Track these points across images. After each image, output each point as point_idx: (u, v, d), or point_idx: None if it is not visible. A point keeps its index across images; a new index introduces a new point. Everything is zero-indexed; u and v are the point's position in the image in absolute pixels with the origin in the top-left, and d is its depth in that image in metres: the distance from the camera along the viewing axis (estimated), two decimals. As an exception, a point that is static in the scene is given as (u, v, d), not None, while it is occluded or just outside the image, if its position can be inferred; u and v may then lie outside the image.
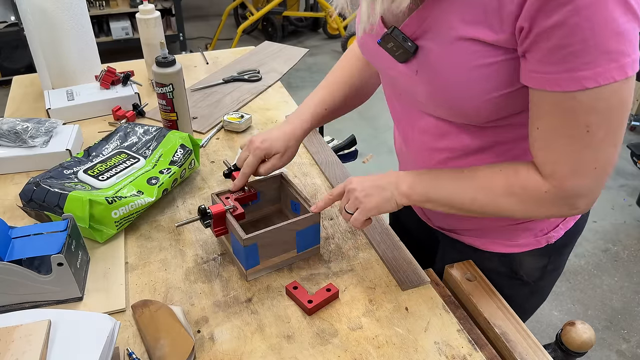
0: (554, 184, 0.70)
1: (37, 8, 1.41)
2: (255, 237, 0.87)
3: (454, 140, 0.82)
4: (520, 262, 0.93)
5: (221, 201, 0.96)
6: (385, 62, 0.81)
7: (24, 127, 1.20)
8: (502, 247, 0.93)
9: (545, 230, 0.90)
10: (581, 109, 0.64)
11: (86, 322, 0.74)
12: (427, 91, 0.76)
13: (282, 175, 1.02)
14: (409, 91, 0.81)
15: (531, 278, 0.95)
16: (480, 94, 0.71)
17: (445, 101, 0.75)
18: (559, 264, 0.97)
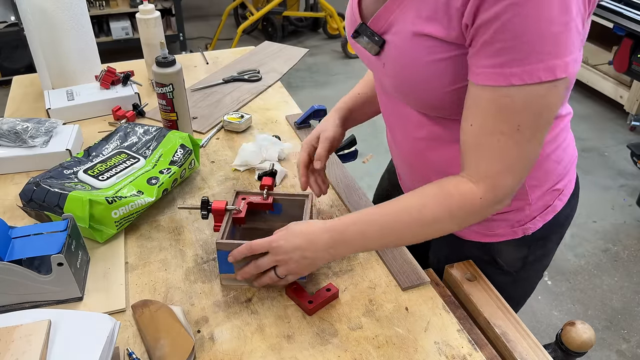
0: (488, 186, 0.72)
1: (37, 8, 1.41)
2: (228, 244, 0.86)
3: (430, 131, 0.84)
4: (499, 251, 0.95)
5: (236, 199, 0.96)
6: (365, 57, 0.84)
7: (24, 127, 1.20)
8: (481, 237, 0.95)
9: (522, 222, 0.91)
10: (513, 107, 0.66)
11: (86, 322, 0.74)
12: (394, 84, 0.79)
13: (309, 197, 0.97)
14: (381, 81, 0.85)
15: (512, 268, 0.96)
16: (439, 87, 0.73)
17: (411, 93, 0.78)
18: (541, 256, 0.98)
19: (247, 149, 1.20)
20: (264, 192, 0.97)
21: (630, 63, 2.69)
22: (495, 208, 0.75)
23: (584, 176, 2.84)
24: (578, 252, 2.36)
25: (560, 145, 0.87)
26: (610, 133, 3.21)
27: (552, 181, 0.89)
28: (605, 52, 3.30)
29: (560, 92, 0.66)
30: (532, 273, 1.00)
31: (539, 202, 0.90)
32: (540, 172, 0.86)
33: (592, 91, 3.53)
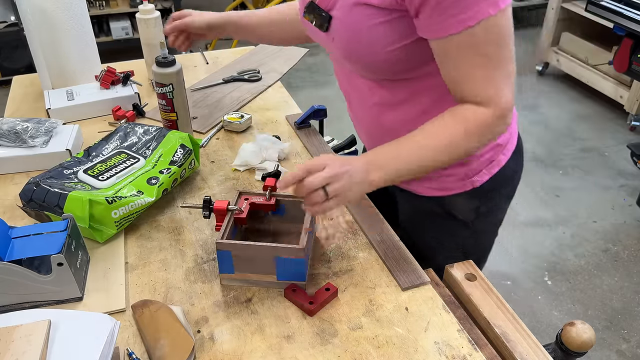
0: (493, 105, 0.84)
1: (37, 8, 1.41)
2: (228, 244, 0.86)
3: (380, 96, 0.96)
4: (452, 203, 1.04)
5: (239, 199, 0.96)
6: (318, 35, 0.96)
7: (24, 127, 1.20)
8: (434, 192, 1.04)
9: (469, 175, 1.01)
10: (476, 44, 0.79)
11: (86, 322, 0.74)
12: (344, 54, 0.90)
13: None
14: (334, 55, 0.96)
15: (467, 218, 1.05)
16: (381, 49, 0.85)
17: (358, 60, 0.89)
18: (492, 208, 1.08)
19: (247, 149, 1.20)
20: (267, 193, 0.97)
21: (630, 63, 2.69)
22: (503, 124, 0.86)
23: (584, 176, 2.85)
24: (578, 252, 2.36)
25: None
26: (610, 133, 3.21)
27: None
28: (605, 52, 3.30)
29: (508, 17, 0.80)
30: (487, 226, 1.10)
31: (484, 156, 1.00)
32: None
33: (592, 91, 3.53)
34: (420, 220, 1.11)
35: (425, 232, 1.11)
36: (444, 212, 1.06)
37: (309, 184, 0.80)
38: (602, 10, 2.80)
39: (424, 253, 1.07)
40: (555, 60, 3.68)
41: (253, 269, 0.88)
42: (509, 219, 2.58)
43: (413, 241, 1.08)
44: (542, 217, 2.56)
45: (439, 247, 1.11)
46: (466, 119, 0.84)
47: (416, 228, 1.13)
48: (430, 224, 1.10)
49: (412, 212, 1.12)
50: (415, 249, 1.05)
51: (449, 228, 1.07)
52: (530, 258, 2.33)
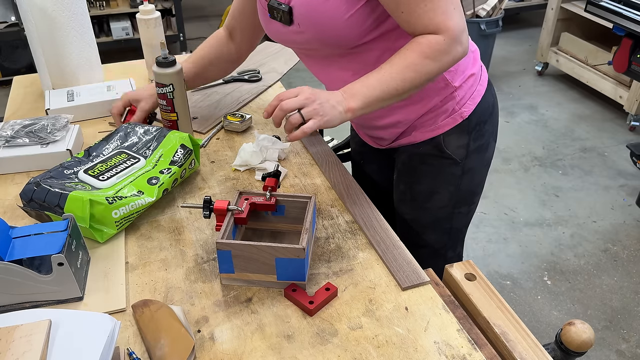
0: (443, 32, 0.93)
1: (37, 8, 1.41)
2: (228, 244, 0.86)
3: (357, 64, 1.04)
4: (445, 141, 1.12)
5: (239, 199, 0.96)
6: (283, 35, 1.05)
7: (42, 124, 1.24)
8: (429, 133, 1.12)
9: (456, 108, 1.10)
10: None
11: (86, 322, 0.74)
12: (313, 34, 0.99)
13: (311, 198, 0.97)
14: (306, 46, 1.05)
15: (458, 156, 1.13)
16: (340, 16, 0.94)
17: (325, 36, 0.98)
18: (482, 145, 1.15)
19: (247, 149, 1.20)
20: (267, 193, 0.97)
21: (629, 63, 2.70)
22: (460, 48, 0.95)
23: (584, 176, 2.85)
24: (578, 252, 2.36)
25: None
26: (610, 133, 3.21)
27: (463, 65, 1.08)
28: (604, 52, 3.30)
29: None
30: (477, 163, 1.17)
31: (463, 88, 1.09)
32: None
33: (591, 91, 3.53)
34: (417, 166, 1.18)
35: (421, 177, 1.19)
36: (438, 152, 1.14)
37: (285, 106, 0.92)
38: (602, 10, 2.80)
39: (421, 199, 1.21)
40: (555, 61, 3.68)
41: (253, 268, 0.88)
42: (509, 219, 2.59)
43: (409, 190, 1.20)
44: (541, 217, 2.57)
45: (435, 191, 1.19)
46: (419, 44, 0.94)
47: (412, 175, 1.20)
48: (426, 167, 1.17)
49: (408, 161, 1.19)
50: (413, 195, 1.20)
51: (443, 169, 1.16)
52: (530, 258, 2.33)
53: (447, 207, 1.20)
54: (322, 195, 1.13)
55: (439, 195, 1.19)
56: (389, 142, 1.22)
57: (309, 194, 0.98)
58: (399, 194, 1.25)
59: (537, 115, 3.41)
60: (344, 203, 1.10)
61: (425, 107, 1.10)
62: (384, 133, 1.20)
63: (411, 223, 1.23)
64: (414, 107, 1.10)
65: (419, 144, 1.15)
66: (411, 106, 1.10)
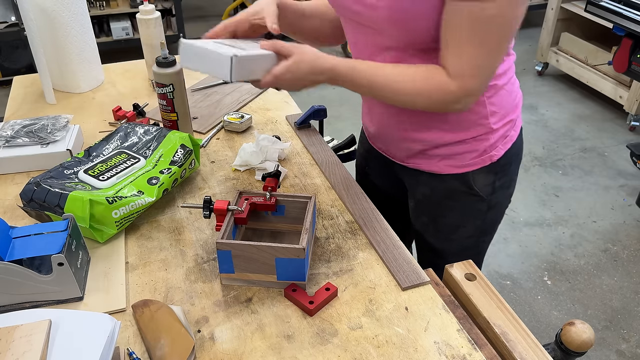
0: (458, 83, 0.89)
1: (37, 8, 1.41)
2: (229, 244, 0.86)
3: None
4: (474, 179, 1.09)
5: (239, 199, 0.96)
6: (350, 6, 0.95)
7: (42, 124, 1.24)
8: (457, 169, 1.09)
9: (488, 150, 1.07)
10: (486, 20, 0.83)
11: (86, 322, 0.75)
12: (387, 15, 0.90)
13: (311, 198, 0.97)
14: (370, 22, 0.95)
15: (485, 193, 1.11)
16: (429, 7, 0.86)
17: (404, 21, 0.90)
18: (506, 181, 1.13)
19: (247, 149, 1.20)
20: (267, 193, 0.97)
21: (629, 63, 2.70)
22: (458, 106, 0.93)
23: (584, 176, 2.85)
24: (578, 252, 2.36)
25: (510, 79, 1.05)
26: (610, 133, 3.21)
27: (506, 110, 1.06)
28: (605, 52, 3.30)
29: (524, 7, 0.85)
30: (501, 199, 1.15)
31: (499, 132, 1.06)
32: (497, 99, 1.03)
33: (591, 91, 3.53)
34: (441, 200, 1.14)
35: (447, 211, 1.15)
36: (465, 188, 1.10)
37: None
38: (602, 10, 2.80)
39: (446, 231, 1.17)
40: (555, 61, 3.68)
41: (253, 268, 0.88)
42: (509, 219, 2.59)
43: (433, 223, 1.17)
44: (541, 217, 2.57)
45: (460, 225, 1.16)
46: (432, 77, 0.91)
47: (437, 209, 1.16)
48: (451, 202, 1.13)
49: (431, 194, 1.14)
50: (437, 227, 1.16)
51: (469, 204, 1.12)
52: (530, 258, 2.33)
53: (472, 237, 1.18)
54: (322, 195, 1.13)
55: (465, 229, 1.16)
56: (402, 159, 1.15)
57: (309, 194, 0.98)
58: (421, 224, 1.20)
59: (537, 115, 3.41)
60: (344, 203, 1.10)
61: (456, 137, 1.05)
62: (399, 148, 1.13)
63: (436, 252, 1.21)
64: (444, 134, 1.05)
65: (444, 177, 1.10)
66: (441, 131, 1.05)
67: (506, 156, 1.09)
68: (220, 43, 0.94)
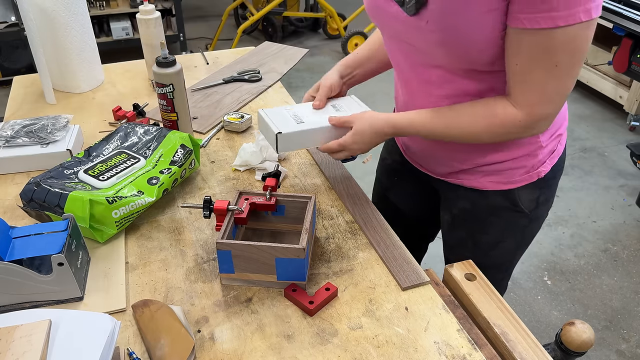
0: (527, 112, 0.86)
1: (37, 8, 1.41)
2: (229, 244, 0.86)
3: (455, 87, 0.94)
4: (519, 195, 1.06)
5: (239, 199, 0.96)
6: (391, 18, 0.91)
7: (42, 124, 1.23)
8: (502, 185, 1.05)
9: (535, 166, 1.04)
10: (554, 47, 0.79)
11: (86, 322, 0.75)
12: (438, 39, 0.86)
13: (311, 198, 0.97)
14: (417, 43, 0.91)
15: (528, 208, 1.08)
16: (484, 34, 0.82)
17: (455, 45, 0.86)
18: (549, 195, 1.11)
19: (247, 149, 1.20)
20: (267, 193, 0.97)
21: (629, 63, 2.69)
22: (530, 132, 0.91)
23: (584, 176, 2.85)
24: (578, 252, 2.36)
25: None
26: (610, 133, 3.21)
27: (556, 125, 1.03)
28: (605, 52, 3.30)
29: (592, 31, 0.79)
30: (542, 212, 1.12)
31: (548, 147, 1.03)
32: None
33: (591, 91, 3.53)
34: (482, 215, 1.11)
35: (488, 227, 1.12)
36: (509, 204, 1.07)
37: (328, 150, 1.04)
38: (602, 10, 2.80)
39: (485, 248, 1.14)
40: (555, 61, 3.67)
41: (253, 268, 0.88)
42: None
43: (472, 238, 1.14)
44: (541, 217, 2.57)
45: (500, 240, 1.13)
46: (495, 116, 0.89)
47: (477, 224, 1.13)
48: (494, 218, 1.10)
49: (472, 208, 1.11)
50: (476, 243, 1.14)
51: (512, 220, 1.10)
52: (530, 258, 2.33)
53: (510, 252, 1.16)
54: (322, 195, 1.13)
55: (505, 244, 1.13)
56: (442, 174, 1.12)
57: (309, 194, 0.98)
58: (457, 238, 1.17)
59: (537, 115, 3.41)
60: (344, 203, 1.10)
61: (505, 156, 1.02)
62: (442, 164, 1.11)
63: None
64: (494, 153, 1.02)
65: (488, 192, 1.07)
66: (490, 151, 1.02)
67: (552, 170, 1.06)
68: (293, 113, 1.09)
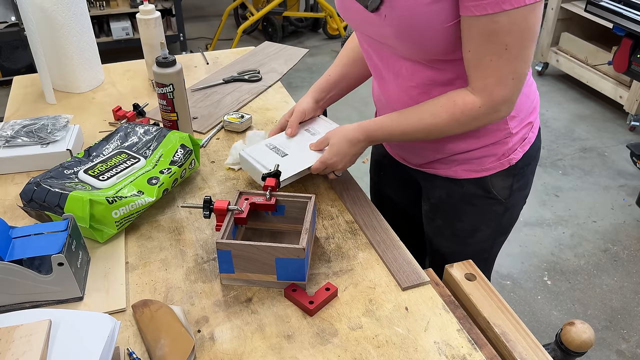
0: (485, 97, 0.90)
1: (37, 8, 1.41)
2: (229, 244, 0.86)
3: (423, 77, 0.98)
4: (492, 183, 1.09)
5: (239, 199, 0.96)
6: (359, 16, 0.95)
7: (42, 124, 1.23)
8: (475, 173, 1.09)
9: (507, 154, 1.06)
10: (501, 31, 0.83)
11: (86, 322, 0.75)
12: (395, 32, 0.90)
13: (311, 198, 0.97)
14: (381, 37, 0.95)
15: (502, 196, 1.11)
16: (435, 25, 0.86)
17: (410, 37, 0.90)
18: (523, 183, 1.13)
19: (239, 147, 1.20)
20: (267, 193, 0.97)
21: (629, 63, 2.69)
22: (494, 116, 0.93)
23: (584, 176, 2.85)
24: (578, 252, 2.36)
25: (527, 82, 1.04)
26: (610, 133, 3.21)
27: (525, 113, 1.05)
28: (605, 52, 3.30)
29: (538, 13, 0.84)
30: (517, 200, 1.15)
31: (518, 135, 1.06)
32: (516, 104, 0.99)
33: (591, 91, 3.53)
34: (458, 204, 1.13)
35: (463, 215, 1.14)
36: (482, 192, 1.10)
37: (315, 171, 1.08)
38: (602, 10, 2.80)
39: (462, 235, 1.17)
40: (555, 60, 3.68)
41: (253, 268, 0.88)
42: (509, 219, 2.57)
43: (449, 227, 1.17)
44: (542, 217, 2.57)
45: (476, 228, 1.16)
46: (455, 105, 0.93)
47: (453, 212, 1.15)
48: (469, 206, 1.13)
49: (447, 197, 1.14)
50: (453, 232, 1.16)
51: (486, 207, 1.12)
52: (530, 258, 2.33)
53: (488, 240, 1.18)
54: (322, 195, 1.13)
55: (481, 232, 1.16)
56: (418, 164, 1.16)
57: (309, 194, 0.98)
58: (435, 228, 1.20)
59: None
60: (344, 203, 1.10)
61: (476, 144, 1.05)
62: (418, 155, 1.14)
63: (449, 256, 1.20)
64: (464, 141, 1.05)
65: (462, 181, 1.10)
66: (461, 139, 1.05)
67: (524, 158, 1.09)
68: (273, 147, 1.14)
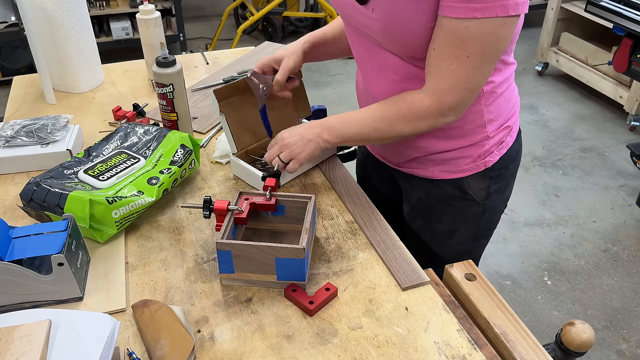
0: (434, 98, 0.91)
1: (37, 8, 1.41)
2: (229, 244, 0.86)
3: (406, 72, 0.98)
4: (468, 184, 1.10)
5: (239, 199, 0.96)
6: (349, 7, 0.95)
7: (42, 124, 1.23)
8: (451, 174, 1.09)
9: (482, 156, 1.07)
10: (469, 38, 0.83)
11: (86, 322, 0.75)
12: (382, 26, 0.91)
13: (311, 198, 0.97)
14: (368, 30, 0.95)
15: (480, 197, 1.11)
16: (420, 23, 0.87)
17: (396, 33, 0.90)
18: (502, 185, 1.13)
19: (223, 139, 1.21)
20: (267, 193, 0.97)
21: (629, 63, 2.69)
22: (442, 120, 0.94)
23: (584, 176, 2.85)
24: (578, 252, 2.36)
25: (509, 87, 1.04)
26: (610, 133, 3.21)
27: (504, 117, 1.05)
28: (605, 52, 3.30)
29: (509, 29, 0.84)
30: (496, 202, 1.15)
31: (495, 138, 1.06)
32: (495, 106, 1.02)
33: (591, 91, 3.53)
34: (436, 205, 1.14)
35: (442, 216, 1.15)
36: (461, 194, 1.11)
37: (268, 158, 1.07)
38: (602, 10, 2.80)
39: (441, 237, 1.17)
40: (555, 61, 3.68)
41: (253, 269, 0.88)
42: (509, 218, 2.59)
43: (429, 228, 1.17)
44: (542, 217, 2.57)
45: (455, 229, 1.16)
46: (403, 101, 0.95)
47: (431, 213, 1.16)
48: (446, 207, 1.13)
49: (426, 198, 1.15)
50: (433, 233, 1.16)
51: (463, 208, 1.13)
52: (530, 258, 2.33)
53: (468, 242, 1.18)
54: (322, 195, 1.13)
55: (460, 233, 1.16)
56: (396, 163, 1.16)
57: (309, 194, 0.98)
58: (416, 228, 1.20)
59: (537, 115, 3.41)
60: (344, 203, 1.10)
61: (452, 145, 1.05)
62: (396, 153, 1.14)
63: (432, 256, 1.20)
64: (441, 141, 1.05)
65: (439, 182, 1.10)
66: (437, 139, 1.05)
67: (501, 161, 1.08)
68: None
